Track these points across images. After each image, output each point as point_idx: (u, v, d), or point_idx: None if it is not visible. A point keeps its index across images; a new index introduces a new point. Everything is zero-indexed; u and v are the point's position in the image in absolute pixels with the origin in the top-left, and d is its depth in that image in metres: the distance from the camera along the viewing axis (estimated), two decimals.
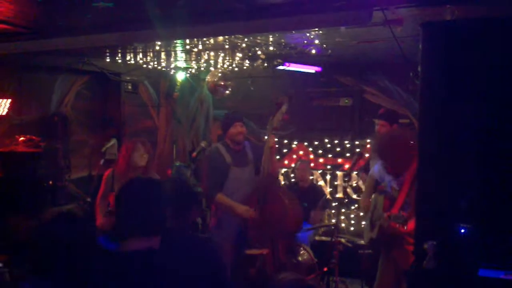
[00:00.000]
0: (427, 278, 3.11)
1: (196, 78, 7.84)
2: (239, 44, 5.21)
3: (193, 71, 7.51)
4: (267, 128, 4.77)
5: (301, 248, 5.65)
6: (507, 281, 2.89)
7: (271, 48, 5.33)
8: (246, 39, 4.99)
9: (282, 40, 5.04)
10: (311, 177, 7.19)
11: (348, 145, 7.36)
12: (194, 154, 5.19)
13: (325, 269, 5.27)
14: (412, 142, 4.37)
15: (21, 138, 5.92)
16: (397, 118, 5.39)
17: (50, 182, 6.08)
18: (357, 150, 6.92)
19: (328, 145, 7.46)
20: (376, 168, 4.62)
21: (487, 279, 2.94)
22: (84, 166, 7.02)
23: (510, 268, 2.90)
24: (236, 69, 6.78)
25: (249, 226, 4.51)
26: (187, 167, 6.45)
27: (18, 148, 5.86)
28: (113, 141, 5.41)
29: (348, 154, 7.32)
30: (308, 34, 4.73)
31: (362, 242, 5.08)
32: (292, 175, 7.47)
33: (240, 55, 5.73)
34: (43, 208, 5.65)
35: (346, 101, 7.32)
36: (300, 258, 5.52)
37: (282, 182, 7.62)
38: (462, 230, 3.06)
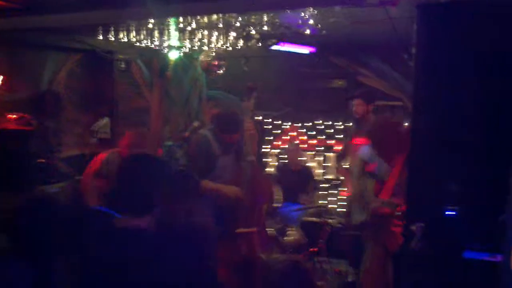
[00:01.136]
0: (414, 259, 3.15)
1: (189, 57, 7.78)
2: (233, 23, 5.16)
3: (187, 50, 7.45)
4: (244, 114, 4.71)
5: (289, 228, 5.70)
6: (490, 262, 2.92)
7: (265, 28, 5.29)
8: (240, 18, 4.95)
9: (277, 20, 5.01)
10: (302, 159, 7.19)
11: (340, 127, 7.36)
12: (187, 134, 5.16)
13: (313, 249, 5.32)
14: (402, 128, 4.41)
15: (13, 116, 5.88)
16: (373, 97, 5.39)
17: (42, 160, 6.05)
18: (350, 131, 6.92)
19: (321, 127, 7.46)
20: (365, 149, 4.63)
21: (472, 261, 2.98)
22: (75, 145, 6.98)
23: (494, 250, 2.93)
24: (229, 48, 6.73)
25: (236, 207, 4.50)
26: (179, 146, 6.42)
27: (9, 126, 5.82)
28: (106, 120, 5.38)
29: (340, 136, 7.32)
30: (302, 14, 4.69)
31: (351, 223, 5.10)
32: (285, 156, 7.48)
33: (234, 34, 5.69)
34: (33, 186, 5.63)
35: (340, 82, 7.30)
36: (288, 238, 5.57)
37: (275, 163, 7.65)
38: (450, 213, 3.09)
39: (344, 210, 7.14)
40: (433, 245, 3.04)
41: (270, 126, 7.78)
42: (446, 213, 3.04)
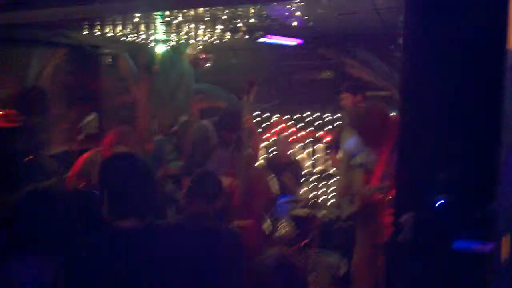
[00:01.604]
0: (404, 249, 3.16)
1: (176, 51, 7.74)
2: (219, 16, 5.14)
3: (173, 44, 7.42)
4: (244, 109, 4.71)
5: (281, 221, 5.71)
6: (480, 254, 2.95)
7: (252, 20, 5.28)
8: (226, 11, 4.93)
9: (264, 12, 4.99)
10: (290, 152, 7.19)
11: (329, 119, 7.37)
12: (175, 128, 5.15)
13: (304, 242, 5.34)
14: (388, 114, 4.43)
15: None
16: (361, 88, 5.40)
17: (30, 157, 5.99)
18: (339, 123, 6.95)
19: (309, 118, 7.47)
20: (351, 141, 4.66)
21: (462, 251, 3.00)
22: (64, 141, 6.93)
23: (484, 239, 2.95)
24: (216, 41, 6.71)
25: (232, 201, 4.52)
26: (168, 141, 6.42)
27: None
28: (93, 115, 5.35)
29: (329, 127, 7.34)
30: (289, 6, 4.68)
31: (341, 215, 5.13)
32: (272, 148, 7.49)
33: (221, 27, 5.66)
34: (22, 184, 5.58)
35: (327, 74, 7.30)
36: (280, 231, 5.57)
37: (264, 155, 7.64)
38: (439, 203, 3.10)
39: (334, 201, 7.19)
40: (423, 235, 3.05)
41: (259, 119, 7.77)
42: (436, 203, 3.05)
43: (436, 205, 3.09)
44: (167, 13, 5.39)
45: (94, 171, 4.75)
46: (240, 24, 5.51)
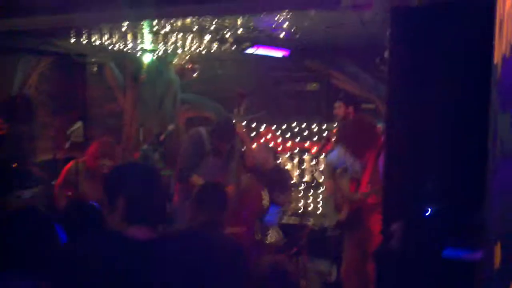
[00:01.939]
0: (394, 258, 3.20)
1: (163, 61, 7.75)
2: (207, 26, 5.18)
3: (160, 53, 7.43)
4: (235, 119, 4.78)
5: (270, 229, 5.72)
6: (469, 262, 2.99)
7: (239, 32, 5.32)
8: (214, 22, 4.97)
9: (251, 24, 5.04)
10: (272, 158, 7.21)
11: (315, 129, 7.42)
12: (162, 137, 5.17)
13: (294, 249, 5.37)
14: (373, 125, 4.52)
15: None
16: (353, 100, 5.48)
17: (15, 165, 5.96)
18: (325, 134, 7.00)
19: (296, 129, 7.52)
20: (333, 154, 4.74)
21: (451, 260, 3.04)
22: (48, 149, 6.88)
23: (473, 248, 3.00)
24: (203, 52, 6.73)
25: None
26: (155, 150, 6.40)
27: None
28: (79, 124, 5.34)
29: (315, 138, 7.39)
30: (276, 18, 4.74)
31: (327, 224, 5.18)
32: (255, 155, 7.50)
33: (208, 37, 5.69)
34: (7, 192, 5.54)
35: (313, 85, 7.36)
36: (269, 239, 5.59)
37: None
38: (428, 211, 3.14)
39: (322, 211, 7.22)
40: (412, 244, 3.09)
41: (245, 129, 7.79)
42: (424, 212, 3.10)
43: (426, 214, 3.14)
44: (154, 22, 5.41)
45: (80, 181, 4.76)
46: (227, 35, 5.55)
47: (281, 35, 5.34)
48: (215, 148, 4.75)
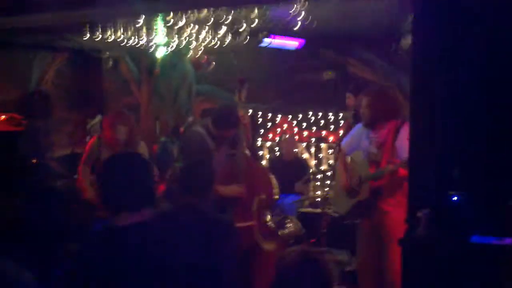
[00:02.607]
0: (421, 245, 3.18)
1: (177, 54, 7.74)
2: (223, 18, 5.15)
3: (175, 46, 7.42)
4: (238, 106, 4.71)
5: (288, 219, 5.71)
6: (499, 246, 2.96)
7: (255, 23, 5.28)
8: (232, 12, 4.95)
9: (267, 13, 5.00)
10: (295, 150, 7.22)
11: (331, 118, 7.40)
12: (182, 129, 5.16)
13: (313, 240, 5.35)
14: (393, 96, 4.52)
15: (2, 117, 5.83)
16: (361, 89, 5.47)
17: (34, 161, 5.99)
18: (341, 122, 6.98)
19: (312, 118, 7.50)
20: (346, 139, 4.73)
21: (480, 245, 3.01)
22: (66, 144, 6.93)
23: (502, 234, 2.98)
24: (218, 43, 6.70)
25: (233, 201, 4.50)
26: (173, 142, 6.43)
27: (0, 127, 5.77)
28: (98, 118, 5.36)
29: (332, 127, 7.37)
30: (293, 7, 4.70)
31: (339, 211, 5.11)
32: (276, 148, 7.50)
33: (224, 29, 5.66)
34: (25, 187, 5.58)
35: (329, 74, 7.32)
36: (287, 229, 5.58)
37: (267, 156, 7.66)
38: (455, 198, 3.12)
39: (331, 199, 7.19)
40: (440, 231, 3.07)
41: (261, 119, 7.78)
42: (452, 198, 3.07)
43: (452, 201, 3.11)
44: (169, 16, 5.40)
45: (102, 154, 4.85)
46: (243, 26, 5.52)
47: (298, 25, 5.29)
48: (218, 138, 4.65)
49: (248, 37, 5.85)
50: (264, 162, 7.47)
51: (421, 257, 3.14)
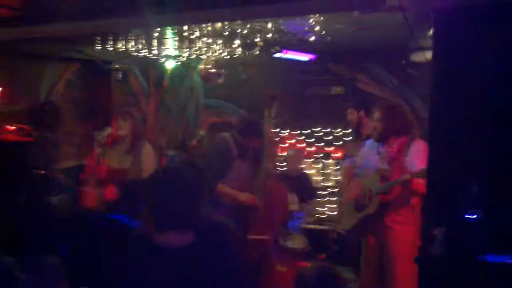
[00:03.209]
0: (436, 263, 3.15)
1: (186, 66, 7.76)
2: (238, 31, 5.16)
3: (184, 59, 7.43)
4: (266, 121, 4.77)
5: (295, 236, 5.68)
6: None
7: (269, 35, 5.29)
8: (248, 25, 4.96)
9: (282, 27, 5.01)
10: (302, 166, 7.20)
11: (339, 134, 7.38)
12: (194, 142, 5.17)
13: (322, 256, 5.32)
14: (403, 112, 4.62)
15: (12, 127, 5.82)
16: (364, 105, 5.51)
17: (41, 172, 5.97)
18: (350, 138, 6.95)
19: (320, 134, 7.48)
20: (352, 159, 4.74)
21: (495, 264, 2.98)
22: (73, 156, 6.91)
23: None
24: (227, 56, 6.71)
25: (250, 214, 4.52)
26: (181, 156, 6.42)
27: (9, 137, 5.76)
28: (109, 130, 5.34)
29: (339, 143, 7.34)
30: (310, 21, 4.71)
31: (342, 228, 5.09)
32: (283, 163, 7.47)
33: (238, 42, 5.67)
34: (36, 199, 5.56)
35: (338, 89, 7.32)
36: (294, 245, 5.55)
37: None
38: (471, 216, 3.09)
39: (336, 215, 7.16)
40: (455, 249, 3.04)
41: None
42: (467, 216, 3.05)
43: (468, 219, 3.09)
44: (178, 28, 5.43)
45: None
46: (257, 39, 5.52)
47: (312, 39, 5.30)
48: (242, 149, 4.71)
49: (261, 50, 5.87)
50: None
51: (436, 275, 3.11)
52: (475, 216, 3.07)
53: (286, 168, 6.96)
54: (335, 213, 7.18)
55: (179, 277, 2.14)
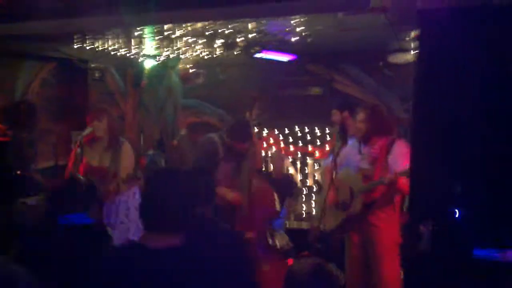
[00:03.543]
0: (422, 260, 3.19)
1: (164, 66, 7.71)
2: (220, 31, 5.16)
3: (162, 59, 7.39)
4: (250, 123, 4.78)
5: (277, 234, 5.70)
6: (500, 262, 2.99)
7: (250, 36, 5.30)
8: (229, 25, 4.96)
9: (263, 28, 5.03)
10: (285, 167, 7.22)
11: (318, 134, 7.43)
12: (175, 142, 5.15)
13: (306, 253, 5.35)
14: (385, 113, 4.64)
15: None
16: (347, 106, 5.57)
17: (18, 172, 5.86)
18: (328, 138, 7.01)
19: (299, 133, 7.52)
20: (331, 158, 4.79)
21: (481, 261, 3.04)
22: (50, 156, 6.79)
23: (503, 249, 3.01)
24: (206, 57, 6.70)
25: (236, 212, 4.53)
26: (160, 155, 6.38)
27: None
28: (90, 129, 5.27)
29: (318, 143, 7.39)
30: (292, 22, 4.73)
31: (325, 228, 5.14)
32: (265, 166, 7.49)
33: (219, 42, 5.66)
34: (12, 199, 5.45)
35: (316, 90, 7.36)
36: (277, 243, 5.57)
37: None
38: (457, 213, 3.15)
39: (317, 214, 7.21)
40: (442, 246, 3.08)
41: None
42: (453, 212, 3.10)
43: (453, 216, 3.14)
44: (157, 27, 5.40)
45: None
46: (238, 40, 5.53)
47: (293, 39, 5.33)
48: (229, 150, 4.72)
49: (241, 51, 5.87)
50: None
51: (423, 270, 3.15)
52: (461, 213, 3.12)
53: (269, 170, 6.99)
54: (317, 211, 7.25)
55: (165, 278, 2.13)
